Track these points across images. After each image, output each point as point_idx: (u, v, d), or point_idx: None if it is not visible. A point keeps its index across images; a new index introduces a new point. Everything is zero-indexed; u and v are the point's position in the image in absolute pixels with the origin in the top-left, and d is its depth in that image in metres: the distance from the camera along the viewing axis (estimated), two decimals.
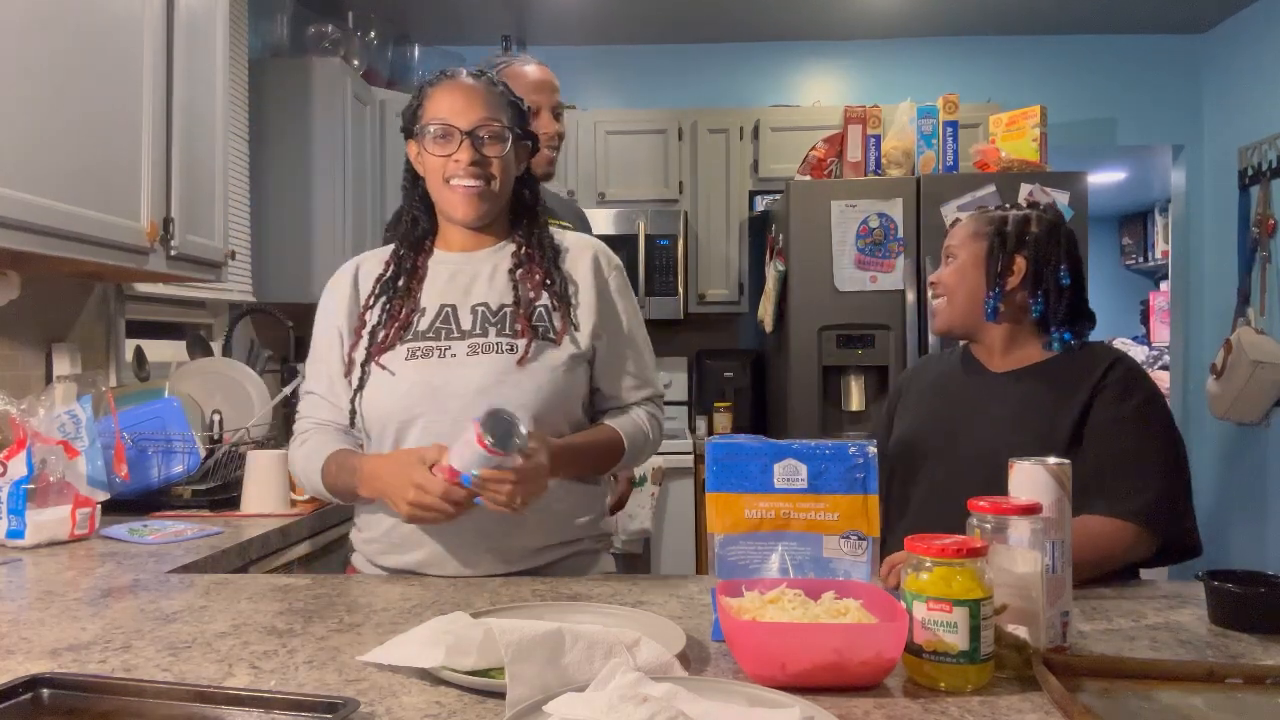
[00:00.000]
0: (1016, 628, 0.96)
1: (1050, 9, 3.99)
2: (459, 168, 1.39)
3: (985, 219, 1.54)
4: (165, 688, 0.86)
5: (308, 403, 1.49)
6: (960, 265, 1.53)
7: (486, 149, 1.39)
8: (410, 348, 1.40)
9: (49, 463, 1.66)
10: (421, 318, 1.42)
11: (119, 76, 1.91)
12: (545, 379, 1.38)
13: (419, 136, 1.42)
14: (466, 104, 1.39)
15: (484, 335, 1.39)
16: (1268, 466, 3.80)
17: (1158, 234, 6.58)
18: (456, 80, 1.42)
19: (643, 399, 1.50)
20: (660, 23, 4.12)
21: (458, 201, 1.41)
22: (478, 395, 1.34)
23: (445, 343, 1.40)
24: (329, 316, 1.49)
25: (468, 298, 1.43)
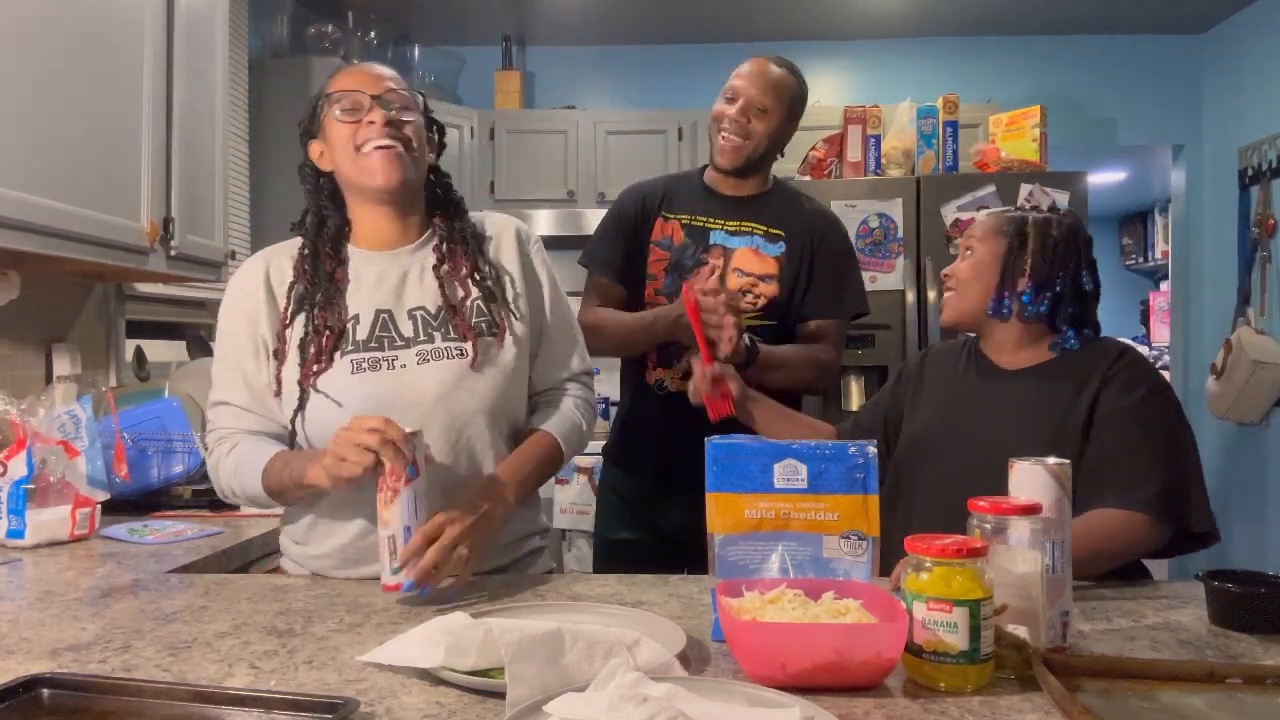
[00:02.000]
0: (1016, 628, 0.96)
1: (1051, 9, 3.99)
2: (372, 129, 1.32)
3: (1007, 218, 1.54)
4: (165, 688, 0.86)
5: (224, 414, 1.39)
6: (977, 260, 1.52)
7: (396, 115, 1.34)
8: (354, 360, 1.33)
9: (49, 463, 1.66)
10: (358, 325, 1.35)
11: (119, 77, 1.91)
12: (500, 379, 1.37)
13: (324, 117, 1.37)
14: (372, 77, 1.36)
15: (430, 341, 1.35)
16: (1268, 466, 3.80)
17: (1158, 234, 6.58)
18: (360, 64, 1.41)
19: (571, 376, 1.49)
20: (660, 23, 4.12)
21: (376, 167, 1.33)
22: (436, 403, 1.32)
23: (391, 352, 1.34)
24: (243, 322, 1.39)
25: (402, 302, 1.37)
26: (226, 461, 1.36)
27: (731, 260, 1.93)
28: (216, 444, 1.39)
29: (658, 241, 1.97)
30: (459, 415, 1.33)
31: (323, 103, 1.38)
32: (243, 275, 1.43)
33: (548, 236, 3.78)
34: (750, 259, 1.94)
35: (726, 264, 1.93)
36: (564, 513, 3.39)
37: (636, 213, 1.99)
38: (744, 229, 1.95)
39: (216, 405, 1.41)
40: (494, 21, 4.10)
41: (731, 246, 1.94)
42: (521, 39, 4.31)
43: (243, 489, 1.35)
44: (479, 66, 4.24)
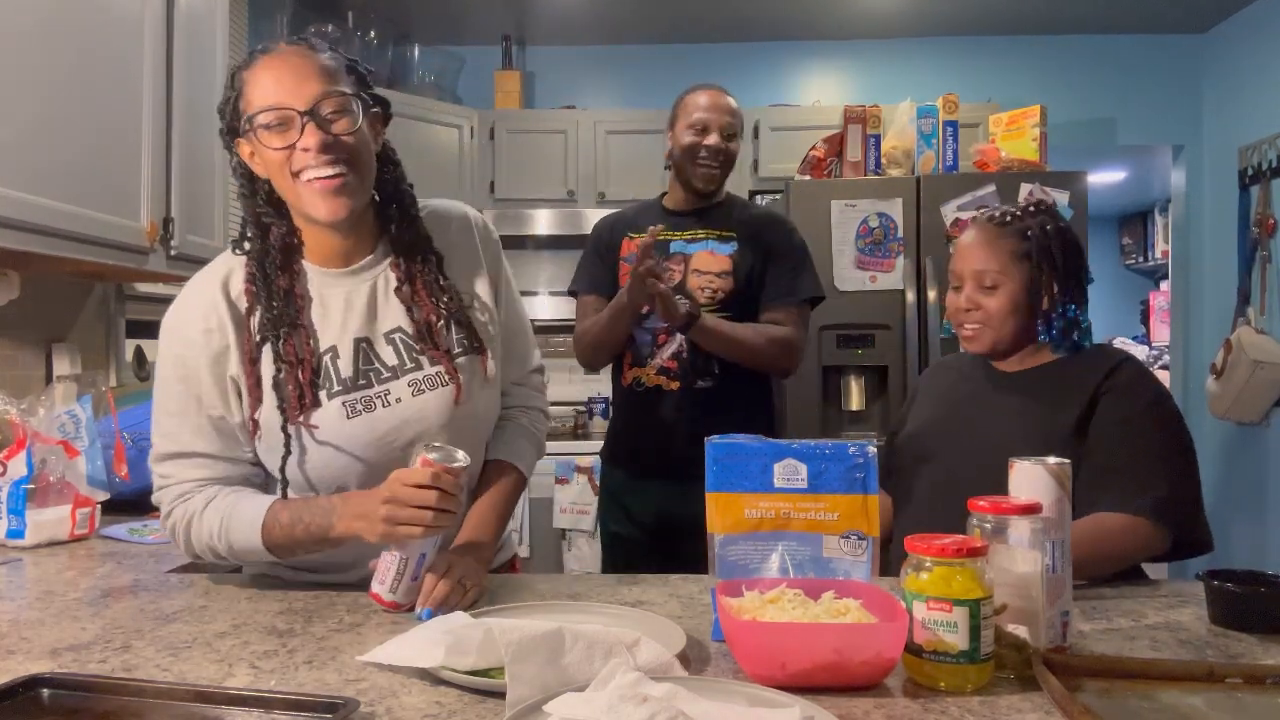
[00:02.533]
0: (1016, 628, 0.96)
1: (1051, 9, 3.99)
2: (309, 157, 1.15)
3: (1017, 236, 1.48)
4: (165, 688, 0.86)
5: (185, 466, 1.24)
6: (1010, 295, 1.47)
7: (335, 127, 1.16)
8: (345, 402, 1.22)
9: (49, 463, 1.66)
10: (338, 360, 1.24)
11: (119, 76, 1.91)
12: (489, 390, 1.35)
13: (247, 132, 1.18)
14: (296, 79, 1.14)
15: (419, 367, 1.26)
16: (1268, 466, 3.80)
17: (1158, 234, 6.57)
18: (277, 54, 1.17)
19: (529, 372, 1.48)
20: (660, 23, 4.12)
21: (318, 200, 1.17)
22: (440, 432, 1.26)
23: (380, 386, 1.24)
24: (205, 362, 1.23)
25: (377, 326, 1.27)
26: (203, 518, 1.22)
27: (691, 263, 2.17)
28: (179, 501, 1.23)
29: (626, 258, 2.22)
30: (460, 437, 1.27)
31: (242, 103, 1.18)
32: (195, 307, 1.25)
33: (547, 236, 3.78)
34: (706, 260, 2.17)
35: (687, 267, 2.17)
36: (564, 513, 3.39)
37: (607, 238, 2.26)
38: (699, 236, 2.20)
39: (172, 458, 1.25)
40: (494, 21, 4.10)
41: (689, 252, 2.18)
42: (521, 39, 4.31)
43: (230, 547, 1.21)
44: (479, 66, 4.24)
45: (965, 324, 1.52)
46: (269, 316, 1.22)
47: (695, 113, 2.18)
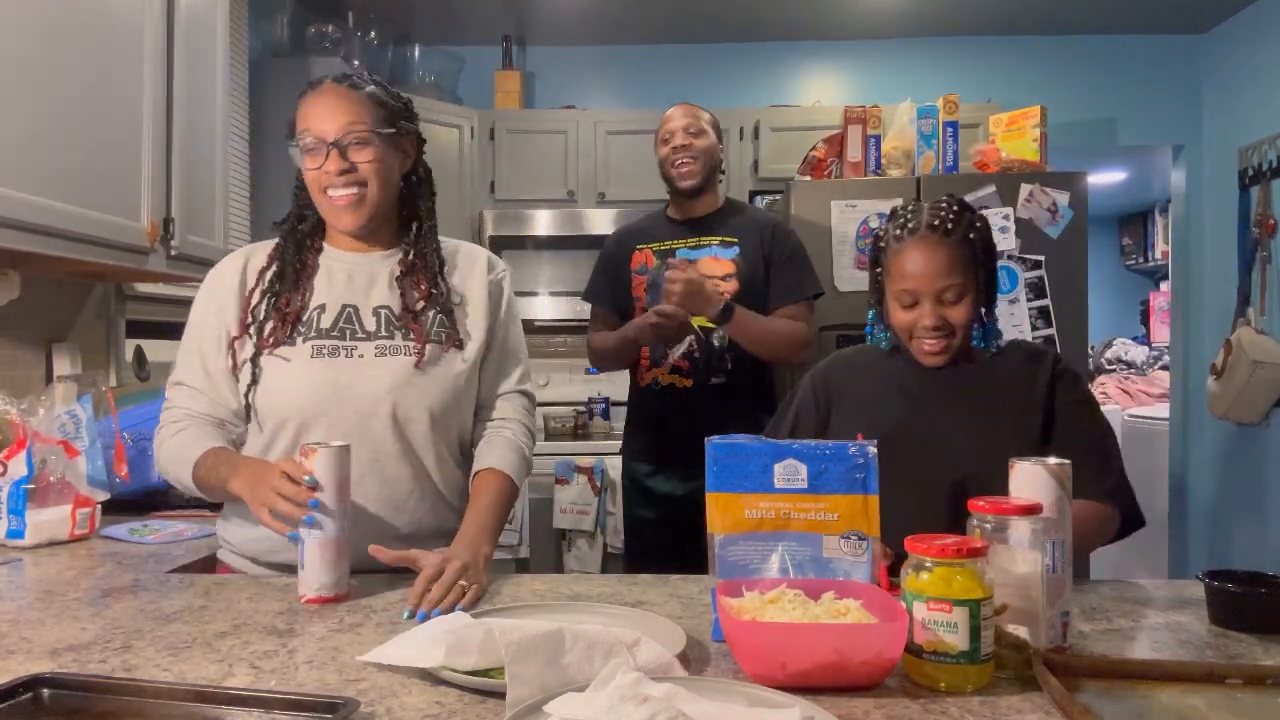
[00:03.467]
0: (1016, 628, 0.96)
1: (1050, 9, 3.99)
2: (330, 178, 1.40)
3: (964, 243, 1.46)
4: (165, 688, 0.86)
5: (179, 394, 1.48)
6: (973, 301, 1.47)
7: (354, 155, 1.40)
8: (315, 345, 1.41)
9: (49, 463, 1.66)
10: (322, 315, 1.44)
11: (119, 77, 1.91)
12: (448, 384, 1.44)
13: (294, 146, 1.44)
14: (329, 112, 1.40)
15: (390, 338, 1.43)
16: (1268, 466, 3.80)
17: (1158, 234, 6.57)
18: (321, 88, 1.42)
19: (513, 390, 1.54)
20: (660, 23, 4.12)
21: (337, 211, 1.42)
22: (386, 395, 1.40)
23: (351, 343, 1.42)
24: (212, 309, 1.47)
25: (368, 300, 1.45)
26: (169, 443, 1.43)
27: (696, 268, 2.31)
28: (167, 423, 1.46)
29: (636, 270, 2.42)
30: (406, 410, 1.40)
31: (296, 124, 1.43)
32: (220, 268, 1.51)
33: (547, 236, 3.78)
34: (710, 265, 2.35)
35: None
36: (564, 513, 3.39)
37: (615, 252, 2.47)
38: (703, 243, 2.39)
39: (174, 385, 1.49)
40: (494, 21, 4.10)
41: (694, 258, 2.36)
42: (521, 39, 4.31)
43: (175, 475, 1.42)
44: (479, 66, 4.24)
45: (927, 339, 1.47)
46: (275, 276, 1.46)
47: (664, 127, 2.41)
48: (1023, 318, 3.15)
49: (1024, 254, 3.15)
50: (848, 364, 1.64)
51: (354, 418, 1.39)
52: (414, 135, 1.49)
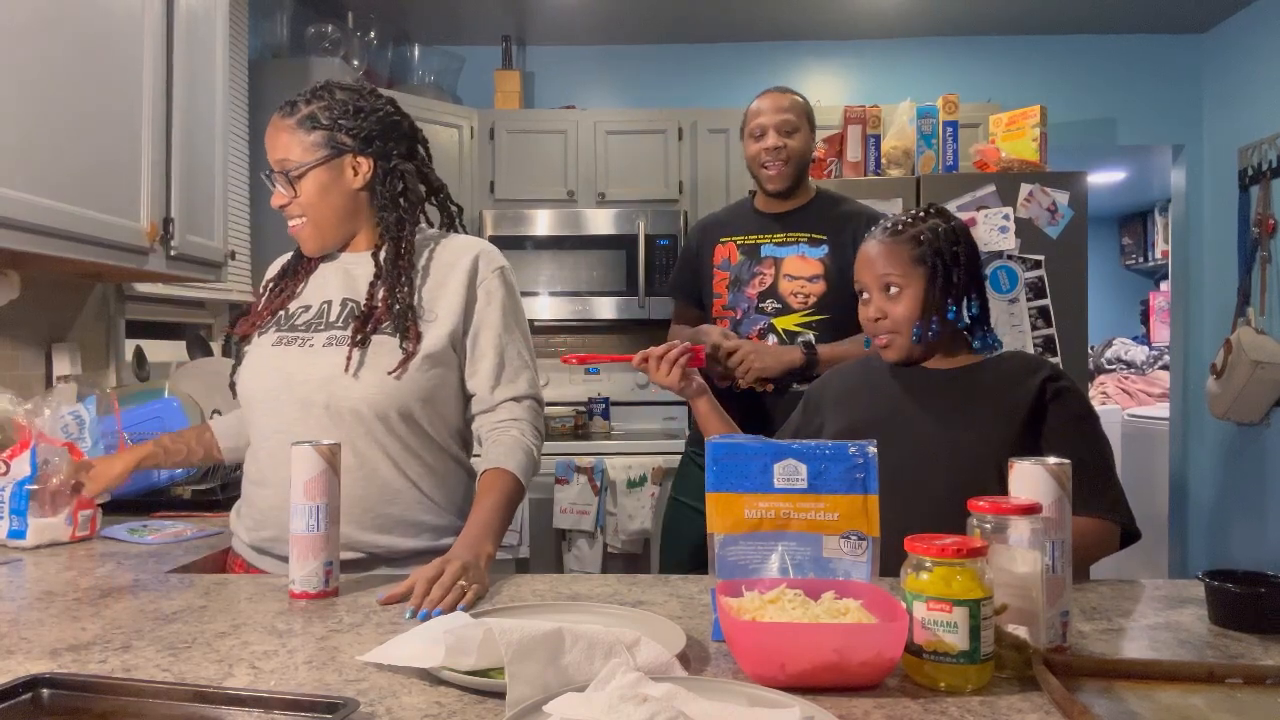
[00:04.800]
0: (1016, 628, 0.96)
1: (1050, 9, 3.99)
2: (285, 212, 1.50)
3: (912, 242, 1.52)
4: (165, 688, 0.86)
5: None
6: (911, 297, 1.51)
7: (282, 190, 1.47)
8: (279, 335, 1.48)
9: (52, 463, 1.66)
10: (305, 311, 1.50)
11: (119, 77, 1.91)
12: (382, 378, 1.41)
13: None
14: (270, 147, 1.47)
15: (343, 328, 1.45)
16: (1268, 466, 3.80)
17: (1158, 234, 6.57)
18: (272, 120, 1.49)
19: (513, 397, 1.49)
20: (660, 23, 4.12)
21: (296, 236, 1.52)
22: (320, 385, 1.41)
23: (309, 334, 1.47)
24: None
25: (344, 293, 1.50)
26: None
27: (782, 268, 2.21)
28: None
29: (719, 264, 2.29)
30: (339, 401, 1.41)
31: None
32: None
33: (547, 236, 3.78)
34: (798, 264, 2.21)
35: (778, 272, 2.22)
36: (564, 513, 3.39)
37: (698, 243, 2.35)
38: (790, 239, 2.23)
39: None
40: (494, 21, 4.10)
41: (781, 256, 2.22)
42: (521, 39, 4.31)
43: None
44: (479, 66, 4.24)
45: (877, 334, 1.55)
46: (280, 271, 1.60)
47: (754, 120, 2.25)
48: (1023, 318, 3.15)
49: (1024, 254, 3.15)
50: (835, 374, 1.71)
51: (296, 405, 1.42)
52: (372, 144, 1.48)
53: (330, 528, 1.25)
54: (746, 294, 2.24)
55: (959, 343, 1.56)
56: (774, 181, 2.22)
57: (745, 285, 2.23)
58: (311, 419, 1.41)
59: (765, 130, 2.21)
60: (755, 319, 2.22)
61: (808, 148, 2.25)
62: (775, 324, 2.19)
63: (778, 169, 2.20)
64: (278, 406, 1.43)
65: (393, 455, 1.43)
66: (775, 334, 2.18)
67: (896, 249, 1.52)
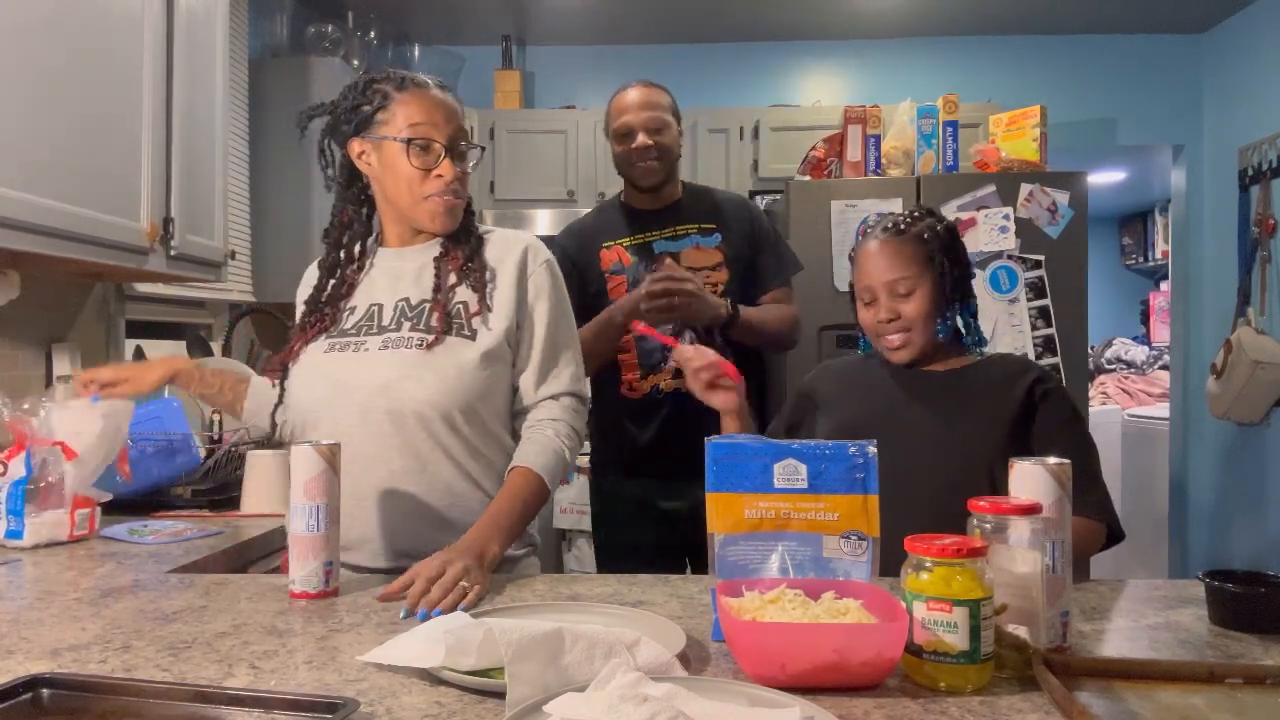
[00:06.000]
0: (1016, 628, 0.96)
1: (1050, 9, 3.99)
2: (441, 183, 1.42)
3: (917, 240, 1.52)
4: (165, 688, 0.86)
5: None
6: (925, 295, 1.51)
7: (460, 164, 1.44)
8: (330, 341, 1.45)
9: (48, 463, 1.66)
10: (350, 316, 1.47)
11: (119, 77, 1.91)
12: (454, 374, 1.39)
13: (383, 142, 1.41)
14: (444, 116, 1.42)
15: (398, 330, 1.42)
16: (1268, 466, 3.80)
17: (1158, 234, 6.57)
18: (429, 90, 1.43)
19: (550, 395, 1.48)
20: (660, 23, 4.12)
21: (438, 213, 1.44)
22: (381, 389, 1.39)
23: (363, 338, 1.43)
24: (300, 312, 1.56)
25: (394, 294, 1.46)
26: None
27: (681, 261, 2.14)
28: None
29: (610, 269, 2.17)
30: (403, 404, 1.38)
31: (385, 115, 1.41)
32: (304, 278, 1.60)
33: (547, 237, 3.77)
34: (696, 256, 2.15)
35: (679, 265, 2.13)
36: (564, 512, 3.39)
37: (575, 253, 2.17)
38: (681, 232, 2.17)
39: None
40: (494, 21, 4.10)
41: (676, 250, 2.15)
42: (521, 39, 4.31)
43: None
44: (479, 66, 4.24)
45: (887, 335, 1.53)
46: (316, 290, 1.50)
47: (618, 118, 2.17)
48: (1023, 318, 3.15)
49: (1024, 254, 3.14)
50: (830, 371, 1.70)
51: (355, 411, 1.39)
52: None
53: (330, 528, 1.25)
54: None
55: (952, 344, 1.57)
56: (647, 177, 2.15)
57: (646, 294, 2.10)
58: (372, 425, 1.39)
59: (632, 129, 2.14)
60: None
61: (676, 142, 2.18)
62: None
63: (649, 166, 2.14)
64: (335, 414, 1.40)
65: (455, 456, 1.41)
66: (691, 330, 2.07)
67: (904, 249, 1.52)
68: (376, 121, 1.42)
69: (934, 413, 1.50)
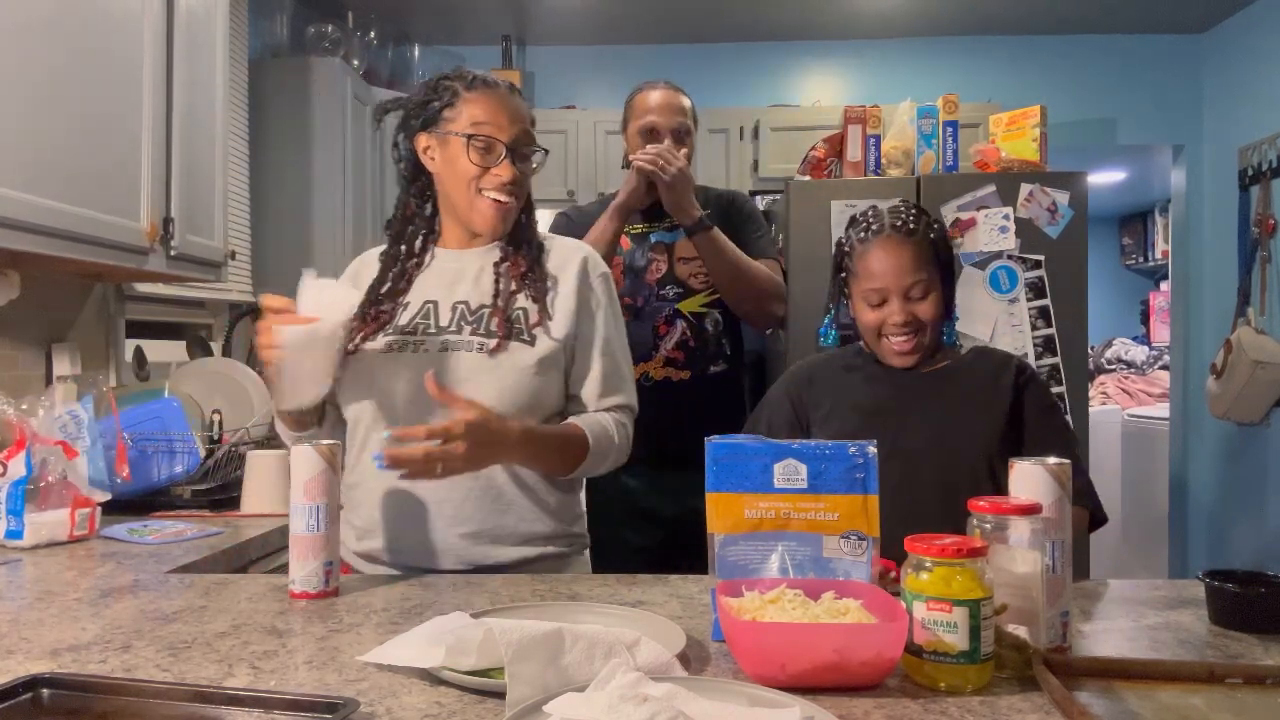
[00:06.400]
0: (1016, 628, 0.96)
1: (1050, 9, 3.99)
2: (497, 182, 1.40)
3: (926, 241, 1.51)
4: (165, 688, 0.86)
5: None
6: (938, 298, 1.51)
7: (524, 166, 1.43)
8: (389, 341, 1.43)
9: (49, 463, 1.66)
10: (404, 312, 1.45)
11: (119, 77, 1.91)
12: (512, 379, 1.39)
13: (448, 138, 1.41)
14: (510, 117, 1.41)
15: (458, 333, 1.41)
16: (1268, 466, 3.80)
17: (1158, 234, 6.57)
18: (498, 90, 1.43)
19: (612, 406, 1.48)
20: (660, 23, 4.12)
21: (489, 215, 1.42)
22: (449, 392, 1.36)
23: (421, 338, 1.42)
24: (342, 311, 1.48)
25: (451, 295, 1.45)
26: None
27: (675, 252, 2.18)
28: None
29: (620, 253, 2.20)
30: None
31: (452, 113, 1.41)
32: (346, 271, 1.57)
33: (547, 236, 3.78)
34: (690, 247, 2.15)
35: (671, 257, 2.19)
36: None
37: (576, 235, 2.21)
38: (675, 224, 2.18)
39: None
40: (494, 21, 4.09)
41: (670, 241, 2.20)
42: (521, 39, 4.31)
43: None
44: (479, 66, 4.16)
45: (896, 337, 1.51)
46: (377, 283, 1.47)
47: (646, 116, 2.18)
48: (1023, 318, 3.15)
49: (1024, 254, 3.14)
50: (821, 370, 1.65)
51: (417, 413, 1.37)
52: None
53: (330, 528, 1.25)
54: (645, 281, 2.19)
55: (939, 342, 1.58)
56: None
57: (642, 273, 2.19)
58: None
59: (659, 130, 2.16)
60: (658, 306, 2.18)
61: (693, 150, 2.25)
62: (680, 308, 2.15)
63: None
64: (395, 415, 1.39)
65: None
66: (682, 319, 2.14)
67: (918, 251, 1.50)
68: (443, 118, 1.42)
69: (937, 409, 1.51)
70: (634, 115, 2.22)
